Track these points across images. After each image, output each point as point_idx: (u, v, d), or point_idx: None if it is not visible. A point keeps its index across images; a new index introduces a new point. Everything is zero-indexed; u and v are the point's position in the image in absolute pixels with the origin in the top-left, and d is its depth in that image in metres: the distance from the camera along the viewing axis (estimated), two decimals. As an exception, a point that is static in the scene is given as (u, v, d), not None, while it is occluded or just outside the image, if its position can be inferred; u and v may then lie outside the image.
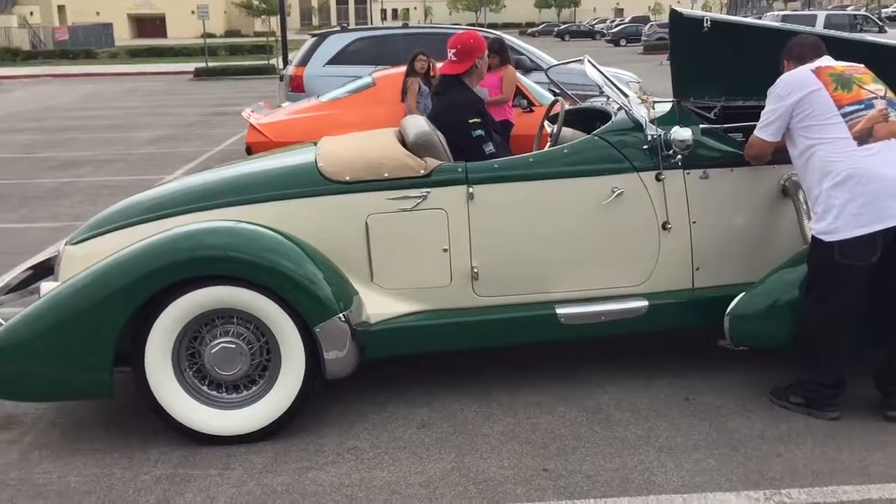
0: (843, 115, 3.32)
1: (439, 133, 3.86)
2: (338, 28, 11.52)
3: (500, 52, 7.54)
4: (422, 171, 3.66)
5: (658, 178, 3.73)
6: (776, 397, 3.64)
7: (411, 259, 3.69)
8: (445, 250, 3.68)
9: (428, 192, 3.65)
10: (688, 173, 3.77)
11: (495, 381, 3.97)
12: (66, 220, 7.80)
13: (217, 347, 3.43)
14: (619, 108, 4.07)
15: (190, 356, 3.48)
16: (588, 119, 4.58)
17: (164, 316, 3.35)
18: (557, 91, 4.88)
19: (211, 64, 31.05)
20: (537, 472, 3.18)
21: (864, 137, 3.28)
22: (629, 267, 3.79)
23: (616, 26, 53.11)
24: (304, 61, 10.74)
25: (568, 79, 9.44)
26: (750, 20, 3.97)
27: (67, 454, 3.45)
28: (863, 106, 3.34)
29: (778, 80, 3.52)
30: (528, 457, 3.30)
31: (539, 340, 3.83)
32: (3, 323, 3.63)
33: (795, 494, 2.96)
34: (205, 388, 3.50)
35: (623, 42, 45.31)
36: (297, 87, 10.60)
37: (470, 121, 4.00)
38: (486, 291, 3.74)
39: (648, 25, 43.05)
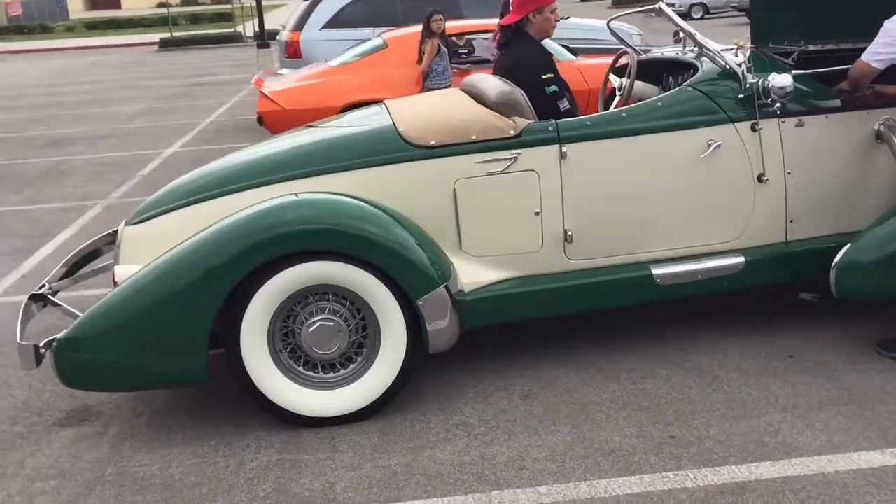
0: None
1: (520, 90, 3.68)
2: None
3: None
4: (511, 132, 3.48)
5: (754, 129, 3.59)
6: (886, 350, 3.55)
7: (502, 224, 3.53)
8: (537, 213, 3.52)
9: (518, 154, 3.47)
10: (783, 122, 3.63)
11: (585, 346, 3.84)
12: (76, 200, 7.52)
13: (314, 326, 3.25)
14: (699, 57, 3.92)
15: (284, 336, 3.30)
16: (653, 71, 4.42)
17: (260, 294, 3.16)
18: (620, 43, 4.69)
19: (176, 34, 30.26)
20: (664, 440, 3.07)
21: None
22: (724, 222, 3.66)
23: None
24: (298, 26, 10.42)
25: (578, 34, 9.27)
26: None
27: (160, 444, 3.27)
28: None
29: (893, 18, 3.43)
30: (648, 424, 3.18)
31: (635, 302, 3.70)
32: (78, 314, 3.44)
33: (942, 449, 2.88)
34: (300, 368, 3.32)
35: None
36: (294, 53, 10.32)
37: (543, 76, 3.82)
38: (579, 254, 3.59)
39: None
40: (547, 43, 7.62)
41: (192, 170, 3.91)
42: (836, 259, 3.51)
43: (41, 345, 3.16)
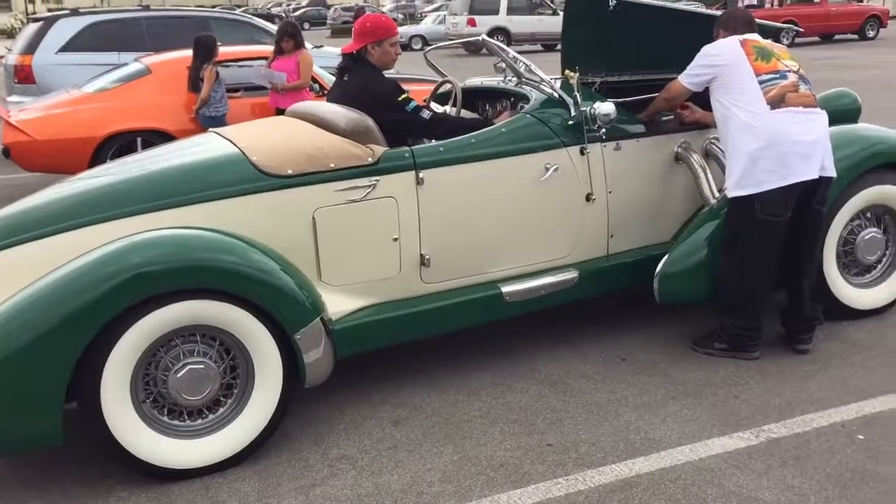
0: (760, 83, 3.70)
1: (369, 117, 3.68)
2: (67, 11, 10.32)
3: (294, 35, 7.28)
4: (370, 160, 3.48)
5: (582, 153, 3.89)
6: (699, 346, 3.99)
7: (361, 251, 3.51)
8: (395, 239, 3.55)
9: (377, 181, 3.48)
10: (604, 146, 3.97)
11: (438, 366, 3.92)
12: None
13: (184, 370, 3.03)
14: (518, 86, 4.19)
15: (146, 385, 3.04)
16: (470, 100, 4.61)
17: (124, 340, 2.89)
18: (440, 74, 4.83)
19: None
20: (543, 448, 3.22)
21: (776, 103, 3.67)
22: (559, 240, 3.92)
23: (294, 10, 52.92)
24: (30, 49, 9.51)
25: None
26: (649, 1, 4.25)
27: (5, 522, 2.87)
28: (777, 76, 3.72)
29: (712, 44, 3.91)
30: (524, 435, 3.32)
31: (487, 320, 3.83)
32: None
33: (776, 429, 3.29)
34: (165, 418, 3.07)
35: (307, 26, 45.25)
36: (25, 78, 9.41)
37: (399, 98, 3.84)
38: (433, 277, 3.67)
39: (333, 9, 43.47)
40: (316, 69, 7.62)
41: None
42: (658, 268, 3.91)
43: None
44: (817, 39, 24.87)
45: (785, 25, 5.18)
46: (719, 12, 4.32)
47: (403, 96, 3.81)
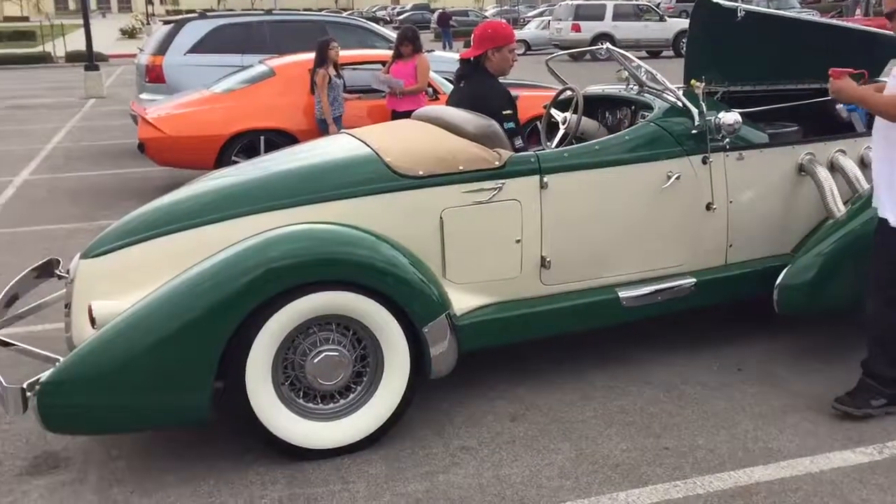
0: None
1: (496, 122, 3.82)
2: (195, 14, 10.85)
3: (413, 41, 7.48)
4: (496, 163, 3.61)
5: (705, 161, 3.92)
6: (853, 407, 3.47)
7: (484, 252, 3.64)
8: (518, 241, 3.66)
9: (503, 184, 3.60)
10: (727, 155, 3.99)
11: (551, 367, 4.01)
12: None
13: (319, 357, 3.22)
14: (640, 94, 4.24)
15: (284, 368, 3.24)
16: (590, 107, 4.69)
17: (268, 326, 3.10)
18: (561, 81, 4.93)
19: (-20, 52, 28.11)
20: (660, 451, 3.28)
21: None
22: (678, 247, 3.96)
23: (398, 14, 53.66)
24: (160, 50, 10.03)
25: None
26: (773, 10, 4.26)
27: (153, 488, 3.10)
28: None
29: None
30: (640, 437, 3.39)
31: (603, 324, 3.90)
32: (40, 353, 3.25)
33: (901, 445, 3.26)
34: (301, 400, 3.27)
35: (410, 30, 45.87)
36: (156, 78, 9.92)
37: (504, 112, 3.98)
38: (553, 280, 3.76)
39: (437, 13, 43.98)
40: (431, 74, 7.81)
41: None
42: (778, 279, 3.90)
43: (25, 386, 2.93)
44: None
45: None
46: (840, 21, 4.26)
47: (508, 112, 3.94)
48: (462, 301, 3.59)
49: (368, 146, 3.74)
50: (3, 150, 11.12)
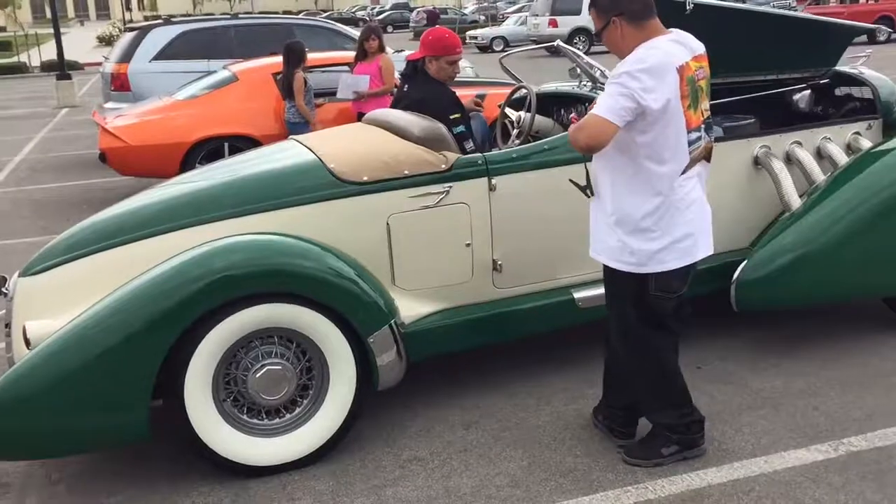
0: (689, 143, 2.85)
1: (442, 124, 3.75)
2: (160, 21, 10.73)
3: (380, 36, 7.37)
4: (443, 166, 3.54)
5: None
6: (642, 458, 3.14)
7: (433, 257, 3.57)
8: (468, 245, 3.59)
9: (451, 187, 3.53)
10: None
11: (508, 374, 3.94)
12: None
13: (262, 371, 3.14)
14: (595, 90, 4.18)
15: (226, 384, 3.16)
16: (545, 105, 4.62)
17: (206, 341, 3.01)
18: (515, 79, 4.86)
19: (-49, 64, 27.83)
20: (614, 456, 3.21)
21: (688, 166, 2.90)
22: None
23: (377, 13, 53.67)
24: (125, 58, 9.90)
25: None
26: (724, 3, 4.20)
27: (94, 512, 3.03)
28: (701, 134, 2.89)
29: (647, 57, 2.76)
30: (594, 441, 3.32)
31: (559, 326, 3.84)
32: None
33: (856, 442, 3.21)
34: (245, 416, 3.19)
35: (390, 28, 45.81)
36: (121, 87, 9.79)
37: (451, 116, 3.91)
38: (506, 283, 3.69)
39: (416, 12, 43.91)
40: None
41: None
42: (735, 275, 3.84)
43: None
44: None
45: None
46: (802, 14, 4.22)
47: (456, 115, 3.87)
48: (412, 308, 3.53)
49: (313, 153, 3.66)
50: (-30, 164, 10.97)
